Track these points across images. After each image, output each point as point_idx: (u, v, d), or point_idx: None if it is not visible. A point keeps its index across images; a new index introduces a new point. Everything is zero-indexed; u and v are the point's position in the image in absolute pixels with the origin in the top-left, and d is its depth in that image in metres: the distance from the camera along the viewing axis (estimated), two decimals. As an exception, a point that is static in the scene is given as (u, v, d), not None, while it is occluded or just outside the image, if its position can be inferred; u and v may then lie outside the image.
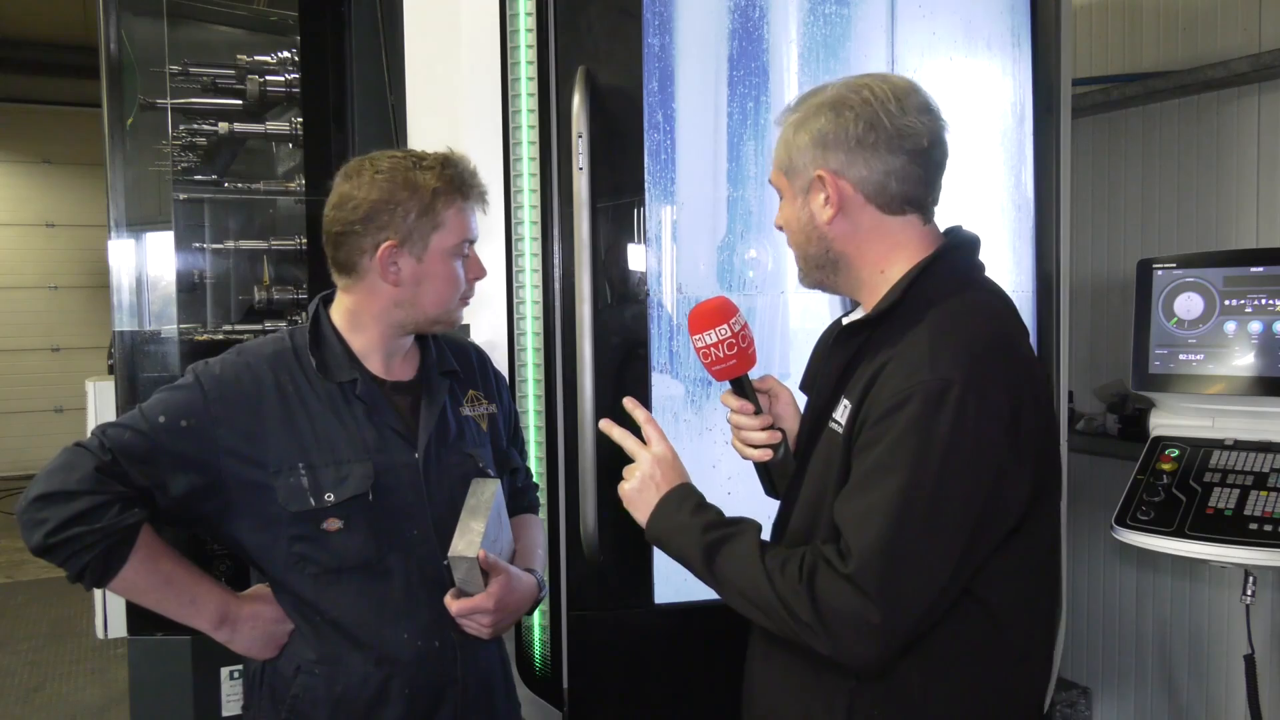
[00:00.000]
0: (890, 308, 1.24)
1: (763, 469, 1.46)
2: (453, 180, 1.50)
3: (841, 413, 1.26)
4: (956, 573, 1.17)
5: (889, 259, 1.29)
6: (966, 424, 1.13)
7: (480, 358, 1.74)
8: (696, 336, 1.36)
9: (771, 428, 1.44)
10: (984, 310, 1.26)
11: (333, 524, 1.45)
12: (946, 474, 1.13)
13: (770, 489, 1.47)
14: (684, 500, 1.33)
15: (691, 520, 1.30)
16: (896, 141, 1.24)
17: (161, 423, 1.40)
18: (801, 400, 1.51)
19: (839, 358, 1.32)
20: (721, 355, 1.36)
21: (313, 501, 1.44)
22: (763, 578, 1.20)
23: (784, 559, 1.21)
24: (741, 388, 1.42)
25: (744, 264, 2.21)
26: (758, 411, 1.43)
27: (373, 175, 1.48)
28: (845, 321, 1.34)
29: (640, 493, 1.36)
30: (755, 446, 1.42)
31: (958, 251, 1.30)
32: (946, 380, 1.14)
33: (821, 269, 1.33)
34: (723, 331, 1.35)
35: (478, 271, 1.58)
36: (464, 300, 1.57)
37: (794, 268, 1.40)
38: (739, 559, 1.24)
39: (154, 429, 1.40)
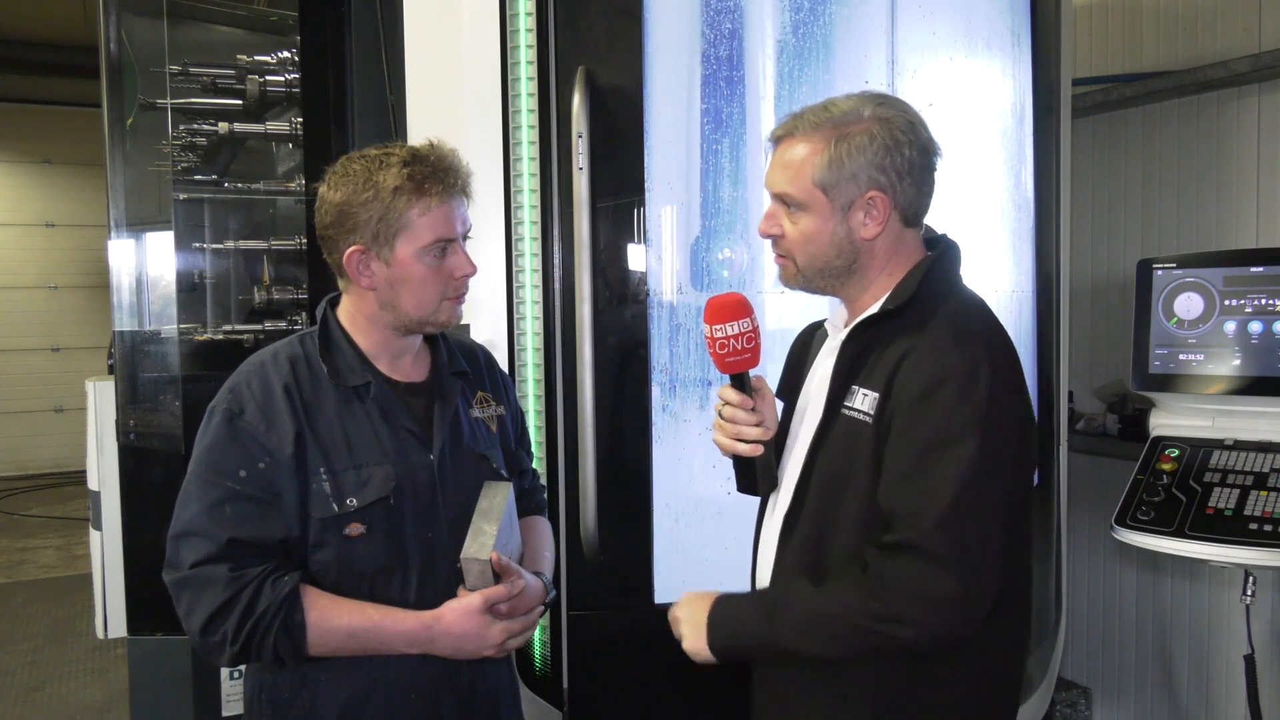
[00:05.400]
0: (908, 302, 1.32)
1: (745, 465, 1.48)
2: (413, 178, 1.41)
3: (862, 401, 1.32)
4: (1005, 545, 1.24)
5: (896, 263, 1.38)
6: (998, 398, 1.24)
7: (488, 359, 1.72)
8: (718, 327, 1.40)
9: (763, 424, 1.48)
10: (984, 307, 1.40)
11: (355, 529, 1.43)
12: (991, 442, 1.22)
13: (747, 485, 1.50)
14: (729, 599, 1.39)
15: (744, 601, 1.39)
16: (933, 163, 1.36)
17: (242, 476, 1.40)
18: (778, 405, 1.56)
19: (849, 350, 1.36)
20: (740, 348, 1.40)
21: (335, 508, 1.42)
22: (827, 601, 1.27)
23: (839, 581, 1.28)
24: (742, 383, 1.46)
25: (719, 264, 2.20)
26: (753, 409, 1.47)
27: (340, 176, 1.45)
28: (862, 317, 1.38)
29: (694, 626, 1.38)
30: (747, 442, 1.46)
31: (951, 253, 1.42)
32: (975, 361, 1.24)
33: (836, 277, 1.38)
34: (745, 325, 1.40)
35: (464, 269, 1.49)
36: (453, 299, 1.50)
37: (771, 268, 1.43)
38: (800, 601, 1.30)
39: (234, 493, 1.39)
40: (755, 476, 1.48)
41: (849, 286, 1.40)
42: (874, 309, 1.37)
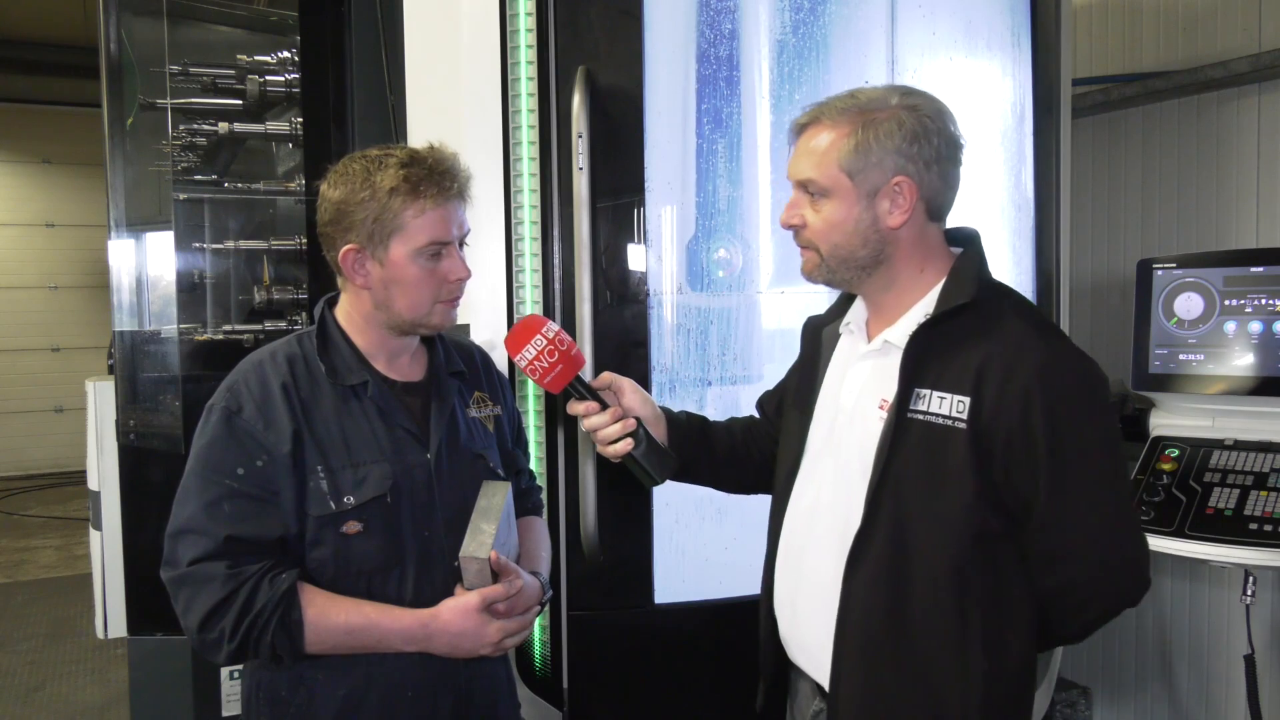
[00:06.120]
0: (971, 301, 1.30)
1: (631, 461, 1.47)
2: (409, 179, 1.42)
3: (939, 404, 1.28)
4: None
5: (926, 259, 1.37)
6: (1098, 378, 1.31)
7: (484, 359, 1.73)
8: (518, 356, 1.41)
9: (623, 418, 1.46)
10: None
11: (352, 527, 1.44)
12: (1112, 429, 1.33)
13: (649, 477, 1.49)
14: None
15: None
16: (959, 156, 1.34)
17: (240, 474, 1.40)
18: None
19: (911, 352, 1.31)
20: (547, 364, 1.41)
21: (333, 505, 1.43)
22: None
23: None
24: (580, 391, 1.46)
25: (716, 264, 2.20)
26: (605, 407, 1.46)
27: (340, 175, 1.46)
28: (924, 318, 1.33)
29: None
30: (615, 442, 1.45)
31: (980, 246, 1.40)
32: (1067, 352, 1.30)
33: (861, 268, 1.35)
34: (538, 342, 1.40)
35: (458, 272, 1.49)
36: (446, 302, 1.51)
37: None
38: None
39: (232, 491, 1.39)
40: (656, 464, 1.47)
41: (874, 280, 1.37)
42: (922, 307, 1.34)
